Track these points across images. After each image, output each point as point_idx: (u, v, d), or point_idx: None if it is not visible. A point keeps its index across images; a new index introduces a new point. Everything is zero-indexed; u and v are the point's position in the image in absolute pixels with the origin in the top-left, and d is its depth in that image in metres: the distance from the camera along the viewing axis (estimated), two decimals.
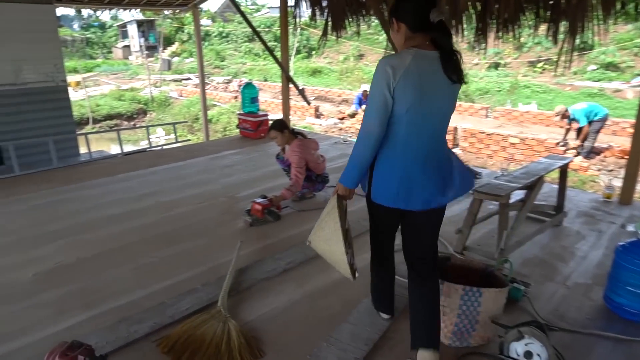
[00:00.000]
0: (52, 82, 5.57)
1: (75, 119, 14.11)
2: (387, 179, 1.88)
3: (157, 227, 3.59)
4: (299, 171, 3.87)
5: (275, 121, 4.11)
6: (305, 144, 4.01)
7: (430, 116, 1.83)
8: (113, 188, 4.60)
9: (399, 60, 1.76)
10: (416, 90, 1.76)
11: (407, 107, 1.78)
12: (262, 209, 3.65)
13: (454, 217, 3.74)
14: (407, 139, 1.83)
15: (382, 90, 1.77)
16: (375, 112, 1.80)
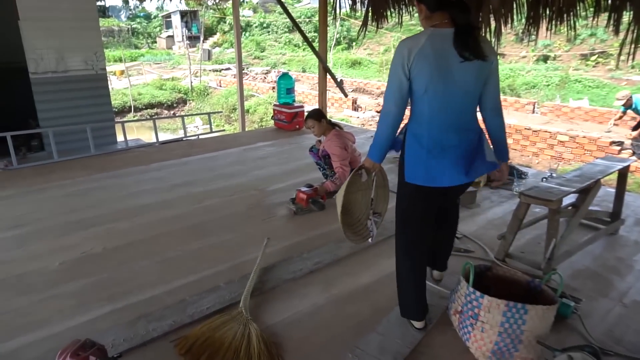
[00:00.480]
0: (92, 70, 5.64)
1: (118, 106, 14.57)
2: (416, 157, 1.94)
3: (185, 219, 3.53)
4: (344, 163, 3.75)
5: (313, 110, 3.98)
6: (342, 135, 3.86)
7: (451, 94, 1.86)
8: (146, 177, 4.60)
9: (415, 41, 1.82)
10: (432, 69, 1.80)
11: (425, 86, 1.83)
12: (307, 198, 3.61)
13: (496, 221, 3.48)
14: (430, 118, 1.89)
15: (397, 72, 1.85)
16: (391, 92, 1.90)
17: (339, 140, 3.78)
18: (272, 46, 27.40)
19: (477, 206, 3.78)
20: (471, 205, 3.78)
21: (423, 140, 1.91)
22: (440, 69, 1.80)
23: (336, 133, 3.84)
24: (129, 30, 32.34)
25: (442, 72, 1.81)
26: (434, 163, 1.91)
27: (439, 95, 1.84)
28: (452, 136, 1.90)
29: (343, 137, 3.85)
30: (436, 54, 1.79)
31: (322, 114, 3.92)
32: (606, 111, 10.15)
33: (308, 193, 3.62)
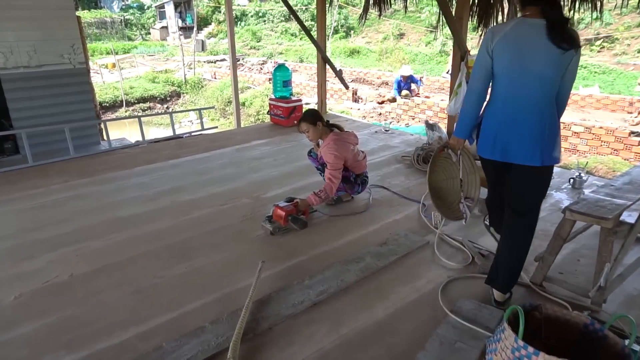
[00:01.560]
0: (69, 64, 5.15)
1: (109, 101, 14.03)
2: (487, 132, 2.13)
3: (169, 235, 3.08)
4: (334, 174, 3.24)
5: (307, 112, 3.49)
6: (342, 139, 3.38)
7: (528, 79, 1.99)
8: (129, 183, 4.14)
9: (502, 27, 2.04)
10: (512, 53, 1.98)
11: (504, 67, 2.01)
12: (286, 215, 3.07)
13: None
14: (505, 97, 2.06)
15: (482, 52, 2.05)
16: (477, 70, 2.09)
17: (336, 146, 3.29)
18: (269, 36, 26.74)
19: None
20: None
21: (495, 116, 2.11)
22: (522, 53, 1.96)
23: (334, 137, 3.36)
24: (121, 22, 31.59)
25: (524, 56, 1.96)
26: (502, 139, 2.07)
27: (516, 78, 2.00)
28: (525, 116, 2.02)
29: (342, 142, 3.36)
30: (518, 40, 1.96)
31: (317, 115, 3.41)
32: (619, 98, 9.67)
33: (287, 209, 3.08)
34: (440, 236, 2.99)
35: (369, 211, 3.45)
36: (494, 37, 2.00)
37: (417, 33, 21.34)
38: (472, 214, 3.29)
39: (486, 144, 2.15)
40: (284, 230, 3.11)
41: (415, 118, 9.88)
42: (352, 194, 3.61)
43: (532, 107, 2.01)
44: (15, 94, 4.89)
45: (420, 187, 3.89)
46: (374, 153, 4.90)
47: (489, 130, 2.12)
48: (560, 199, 3.62)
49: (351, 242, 2.96)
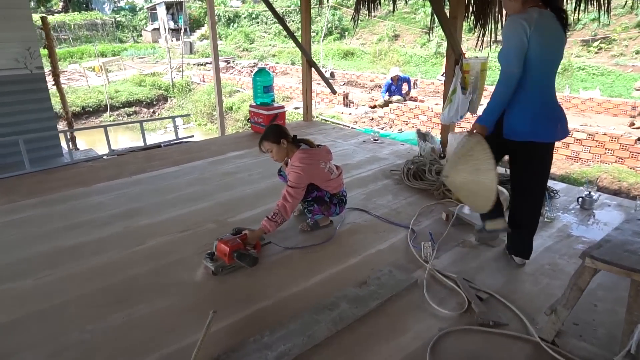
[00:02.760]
0: (25, 69, 4.67)
1: (93, 105, 13.53)
2: (523, 117, 2.25)
3: (111, 273, 2.62)
4: (290, 193, 2.78)
5: (268, 129, 2.99)
6: (311, 156, 2.92)
7: (551, 63, 2.26)
8: (83, 204, 3.67)
9: (529, 16, 2.15)
10: (543, 40, 2.15)
11: (536, 55, 2.16)
12: (230, 252, 2.55)
13: (530, 267, 2.58)
14: (539, 82, 2.22)
15: (521, 38, 2.13)
16: (515, 57, 2.17)
17: (302, 164, 2.84)
18: (262, 37, 26.31)
19: (500, 242, 2.88)
20: (494, 241, 2.88)
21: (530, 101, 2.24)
22: (547, 41, 2.16)
23: (301, 155, 2.88)
24: (113, 24, 31.07)
25: (549, 43, 2.18)
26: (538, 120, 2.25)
27: (545, 63, 2.20)
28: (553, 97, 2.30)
29: (310, 159, 2.90)
30: (546, 29, 2.14)
31: (281, 132, 2.93)
32: (621, 102, 9.27)
33: (232, 244, 2.58)
34: (430, 272, 2.54)
35: (350, 239, 3.00)
36: (530, 25, 2.12)
37: (412, 34, 20.95)
38: (470, 244, 2.85)
39: (524, 128, 2.26)
40: (229, 270, 2.59)
41: (408, 123, 9.44)
42: (330, 216, 3.16)
43: (553, 90, 2.32)
44: None
45: (410, 208, 3.44)
46: (360, 166, 4.45)
47: (527, 115, 2.25)
48: (568, 222, 3.17)
49: (325, 281, 2.51)
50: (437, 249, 2.79)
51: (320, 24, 22.09)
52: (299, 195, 2.85)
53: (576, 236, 2.97)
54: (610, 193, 5.94)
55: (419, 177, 3.93)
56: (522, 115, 2.25)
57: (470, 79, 4.20)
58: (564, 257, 2.70)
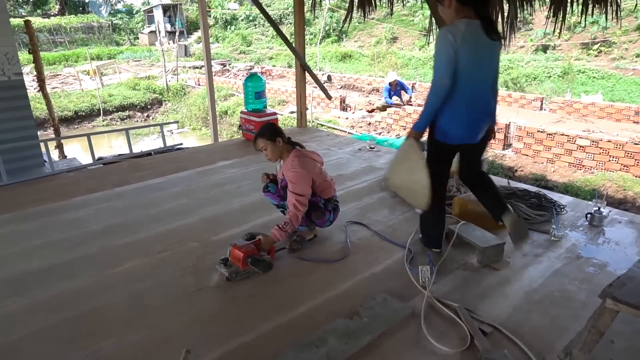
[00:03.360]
0: (3, 75, 4.45)
1: (85, 109, 13.30)
2: (454, 123, 2.42)
3: (80, 301, 2.39)
4: (300, 200, 2.65)
5: (264, 126, 2.86)
6: (307, 155, 2.81)
7: (482, 71, 2.40)
8: (59, 220, 3.44)
9: (456, 29, 2.26)
10: (471, 51, 2.28)
11: (465, 65, 2.28)
12: (245, 257, 2.49)
13: (538, 293, 2.36)
14: (469, 90, 2.36)
15: (448, 51, 2.26)
16: (444, 69, 2.29)
17: (302, 163, 2.70)
18: (259, 40, 26.14)
19: (505, 265, 2.66)
20: (498, 264, 2.66)
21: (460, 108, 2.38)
22: (476, 51, 2.32)
23: (297, 154, 2.76)
24: (109, 27, 30.86)
25: (478, 53, 2.33)
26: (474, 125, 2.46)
27: (474, 72, 2.34)
28: (486, 102, 2.47)
29: (307, 158, 2.78)
30: (473, 39, 2.29)
31: (276, 130, 2.82)
32: (624, 107, 9.07)
33: (246, 249, 2.53)
34: (429, 300, 2.31)
35: (344, 260, 2.78)
36: (456, 38, 2.24)
37: (410, 37, 20.77)
38: (472, 266, 2.64)
39: (459, 133, 2.45)
40: (243, 275, 2.55)
41: (406, 128, 9.22)
42: (321, 226, 2.95)
43: (488, 94, 2.48)
44: None
45: (407, 224, 3.22)
46: (355, 177, 4.23)
47: (461, 121, 2.42)
48: (577, 241, 2.95)
49: (313, 311, 2.29)
50: (437, 272, 2.57)
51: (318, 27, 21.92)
52: (306, 201, 2.70)
53: (586, 258, 2.75)
54: (615, 202, 5.73)
55: None
56: (454, 122, 2.42)
57: None
58: (574, 283, 2.48)
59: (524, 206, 3.22)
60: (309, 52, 20.23)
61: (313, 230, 3.02)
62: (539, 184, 6.55)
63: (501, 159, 7.43)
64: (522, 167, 7.07)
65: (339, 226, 3.18)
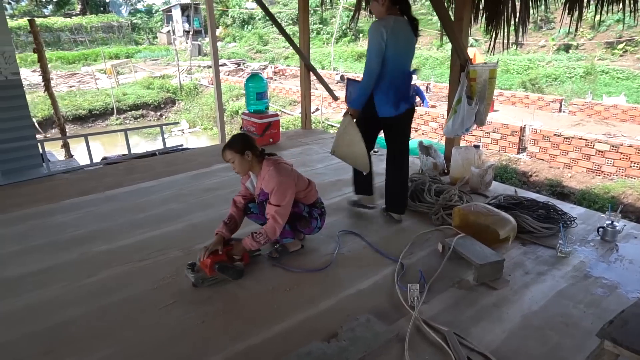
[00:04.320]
0: (0, 75, 4.40)
1: (99, 108, 13.39)
2: (386, 99, 2.92)
3: (47, 313, 2.27)
4: (280, 212, 2.47)
5: (235, 137, 2.60)
6: (281, 162, 2.62)
7: (404, 59, 2.94)
8: (45, 224, 3.36)
9: (386, 23, 2.77)
10: (397, 43, 2.80)
11: (392, 54, 2.81)
12: (212, 263, 2.41)
13: (539, 317, 2.14)
14: (393, 74, 2.88)
15: (379, 42, 2.76)
16: (375, 56, 2.79)
17: (280, 170, 2.51)
18: (275, 39, 26.06)
19: (505, 283, 2.44)
20: (496, 282, 2.44)
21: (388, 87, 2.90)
22: (400, 42, 2.83)
23: (272, 162, 2.56)
24: (129, 26, 31.24)
25: (401, 44, 2.85)
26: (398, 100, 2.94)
27: (398, 59, 2.87)
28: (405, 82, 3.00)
29: (282, 164, 2.59)
30: (399, 33, 2.81)
31: (246, 142, 2.56)
32: None
33: (214, 255, 2.43)
34: (416, 323, 2.12)
35: (327, 274, 2.60)
36: (386, 30, 2.74)
37: (428, 36, 20.40)
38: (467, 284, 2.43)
39: (389, 106, 2.93)
40: (210, 282, 2.46)
41: (418, 130, 8.98)
42: (310, 233, 2.78)
43: (407, 76, 2.98)
44: None
45: (403, 235, 3.03)
46: None
47: (389, 97, 2.91)
48: (586, 258, 2.71)
49: (290, 330, 2.12)
50: (429, 290, 2.37)
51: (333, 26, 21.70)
52: (287, 210, 2.51)
53: (595, 277, 2.51)
54: (636, 212, 5.40)
55: (416, 197, 3.50)
56: (386, 99, 2.91)
57: (477, 87, 3.76)
58: (579, 306, 2.25)
59: (529, 218, 2.99)
60: (325, 52, 20.06)
61: (301, 241, 2.86)
62: (554, 190, 6.25)
63: (515, 163, 7.13)
64: (537, 172, 6.77)
65: (332, 236, 3.01)
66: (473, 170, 3.74)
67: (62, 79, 17.57)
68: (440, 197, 3.36)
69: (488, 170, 3.74)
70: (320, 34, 24.59)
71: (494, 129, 7.69)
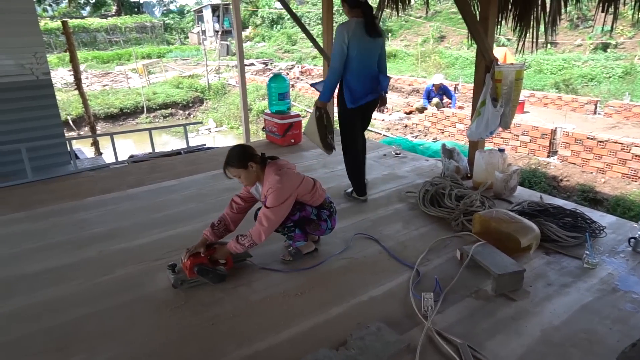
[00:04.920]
0: (31, 75, 4.55)
1: (130, 107, 13.72)
2: (353, 92, 3.30)
3: (63, 310, 2.31)
4: (269, 216, 2.42)
5: (233, 151, 2.52)
6: (283, 165, 2.55)
7: (368, 57, 3.29)
8: (67, 221, 3.44)
9: (348, 27, 3.16)
10: (358, 43, 3.18)
11: (355, 54, 3.19)
12: (192, 265, 2.38)
13: (560, 333, 2.02)
14: (358, 71, 3.26)
15: (341, 44, 3.15)
16: (338, 57, 3.19)
17: (282, 177, 2.45)
18: (303, 39, 26.08)
19: (525, 295, 2.33)
20: (516, 293, 2.34)
21: (354, 82, 3.29)
22: (362, 42, 3.19)
23: (274, 168, 2.50)
24: (161, 26, 31.97)
25: (363, 44, 3.21)
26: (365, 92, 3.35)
27: (362, 57, 3.24)
28: (367, 79, 3.34)
29: (285, 169, 2.53)
30: (361, 33, 3.17)
31: (246, 154, 2.49)
32: None
33: (194, 257, 2.41)
34: (428, 333, 2.05)
35: (341, 279, 2.55)
36: (348, 33, 3.13)
37: (458, 35, 20.01)
38: (485, 295, 2.34)
39: (358, 98, 3.32)
40: (190, 284, 2.44)
41: (444, 132, 8.80)
42: (322, 234, 2.74)
43: (372, 72, 3.37)
44: None
45: (420, 241, 2.95)
46: (374, 186, 3.97)
47: (357, 90, 3.30)
48: (614, 271, 2.56)
49: (298, 338, 2.08)
50: (444, 299, 2.29)
51: None
52: (279, 217, 2.46)
53: (624, 291, 2.37)
54: None
55: (436, 202, 3.41)
56: (351, 92, 3.29)
57: (503, 89, 3.63)
58: (605, 322, 2.12)
59: (554, 226, 2.85)
60: None
61: (315, 243, 2.83)
62: (586, 195, 5.99)
63: (545, 167, 6.88)
64: (568, 177, 6.51)
65: (346, 239, 2.97)
66: (497, 175, 3.61)
67: (96, 78, 18.12)
68: (461, 202, 3.26)
69: (513, 175, 3.61)
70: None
71: (523, 131, 7.44)
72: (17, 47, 4.41)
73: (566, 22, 18.29)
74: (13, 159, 4.50)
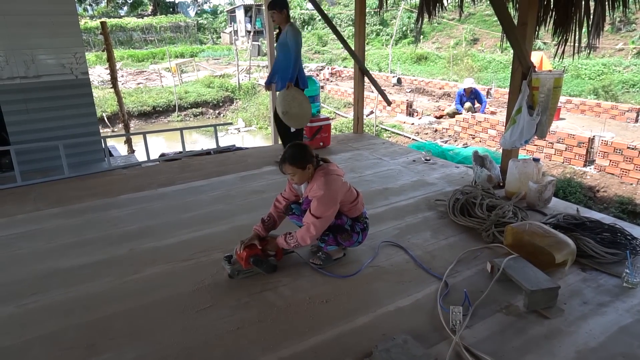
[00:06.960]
0: (71, 75, 4.70)
1: (163, 105, 14.03)
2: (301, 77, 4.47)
3: (94, 307, 2.37)
4: (316, 224, 2.45)
5: (295, 151, 2.54)
6: (330, 171, 2.53)
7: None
8: (100, 217, 3.53)
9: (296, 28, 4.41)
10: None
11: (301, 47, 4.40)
12: (247, 257, 2.54)
13: (596, 356, 1.94)
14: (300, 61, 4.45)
15: (300, 42, 4.32)
16: (299, 48, 4.31)
17: (329, 182, 2.46)
18: (334, 40, 26.08)
19: (559, 313, 2.25)
20: (549, 310, 2.25)
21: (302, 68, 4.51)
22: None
23: (323, 171, 2.51)
24: (195, 26, 32.57)
25: None
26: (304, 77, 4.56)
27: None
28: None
29: (333, 175, 2.52)
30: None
31: (307, 155, 2.52)
32: None
33: (250, 249, 2.56)
34: (456, 349, 1.99)
35: (368, 288, 2.52)
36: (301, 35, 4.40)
37: (492, 38, 19.60)
38: (516, 310, 2.27)
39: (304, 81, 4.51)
40: (245, 274, 2.60)
41: (475, 137, 8.62)
42: (350, 245, 2.72)
43: None
44: (12, 107, 4.51)
45: (449, 252, 2.88)
46: (402, 192, 3.92)
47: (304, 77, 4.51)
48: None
49: (322, 346, 2.06)
50: (473, 314, 2.23)
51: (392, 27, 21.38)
52: (324, 224, 2.50)
53: None
54: None
55: (466, 211, 3.33)
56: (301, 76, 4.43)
57: (540, 96, 3.52)
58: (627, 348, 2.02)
59: (591, 241, 2.74)
60: (383, 54, 19.82)
61: (343, 250, 2.81)
62: (624, 207, 5.75)
63: (581, 177, 6.64)
64: (605, 188, 6.26)
65: (373, 246, 2.93)
66: (531, 185, 3.50)
67: (131, 76, 18.61)
68: (492, 212, 3.17)
69: (548, 185, 3.49)
70: (379, 35, 24.36)
71: (558, 139, 7.21)
72: (58, 47, 4.57)
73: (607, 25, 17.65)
74: (51, 155, 4.66)
